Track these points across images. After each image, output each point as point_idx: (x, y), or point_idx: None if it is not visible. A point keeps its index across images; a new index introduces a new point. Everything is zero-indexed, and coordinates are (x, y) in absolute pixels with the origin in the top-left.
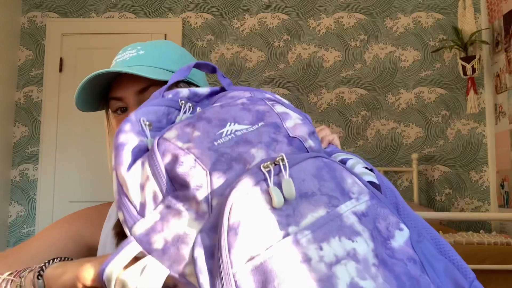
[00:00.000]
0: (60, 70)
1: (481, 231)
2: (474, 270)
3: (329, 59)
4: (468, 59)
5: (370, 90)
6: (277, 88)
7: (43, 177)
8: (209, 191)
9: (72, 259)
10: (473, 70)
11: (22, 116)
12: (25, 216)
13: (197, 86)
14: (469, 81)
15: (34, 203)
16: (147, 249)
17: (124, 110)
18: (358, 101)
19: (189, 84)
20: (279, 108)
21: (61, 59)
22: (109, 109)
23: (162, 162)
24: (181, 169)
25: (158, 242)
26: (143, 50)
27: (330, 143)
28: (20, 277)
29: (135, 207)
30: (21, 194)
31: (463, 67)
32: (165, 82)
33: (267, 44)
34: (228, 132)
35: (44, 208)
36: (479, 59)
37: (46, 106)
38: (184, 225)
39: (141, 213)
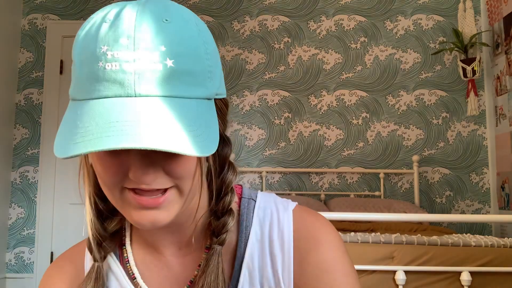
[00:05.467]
0: (61, 72)
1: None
2: (472, 273)
3: (329, 61)
4: (468, 61)
5: (370, 92)
6: (277, 90)
7: (43, 179)
8: None
9: None
10: (474, 72)
11: (22, 118)
12: (25, 218)
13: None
14: (470, 83)
15: (35, 205)
16: None
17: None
18: (358, 103)
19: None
20: None
21: (61, 61)
22: None
23: None
24: None
25: None
26: (171, 56)
27: None
28: None
29: None
30: (21, 196)
31: (464, 69)
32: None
33: (267, 46)
34: None
35: (44, 210)
36: (479, 61)
37: (47, 108)
38: None
39: None
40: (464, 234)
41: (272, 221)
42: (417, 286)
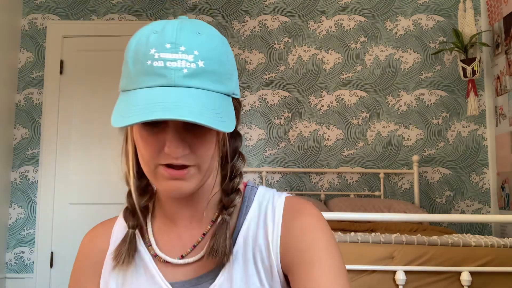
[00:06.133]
0: (61, 72)
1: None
2: (472, 273)
3: (329, 61)
4: (468, 61)
5: (370, 92)
6: (277, 90)
7: (43, 179)
8: None
9: None
10: (474, 72)
11: (22, 118)
12: (25, 218)
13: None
14: (470, 83)
15: (35, 205)
16: None
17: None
18: (358, 103)
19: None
20: None
21: (61, 61)
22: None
23: None
24: None
25: None
26: (202, 58)
27: None
28: None
29: None
30: (21, 196)
31: (464, 69)
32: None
33: (267, 46)
34: None
35: (44, 210)
36: (479, 61)
37: (47, 108)
38: None
39: None
40: (464, 234)
41: (268, 203)
42: (417, 286)
